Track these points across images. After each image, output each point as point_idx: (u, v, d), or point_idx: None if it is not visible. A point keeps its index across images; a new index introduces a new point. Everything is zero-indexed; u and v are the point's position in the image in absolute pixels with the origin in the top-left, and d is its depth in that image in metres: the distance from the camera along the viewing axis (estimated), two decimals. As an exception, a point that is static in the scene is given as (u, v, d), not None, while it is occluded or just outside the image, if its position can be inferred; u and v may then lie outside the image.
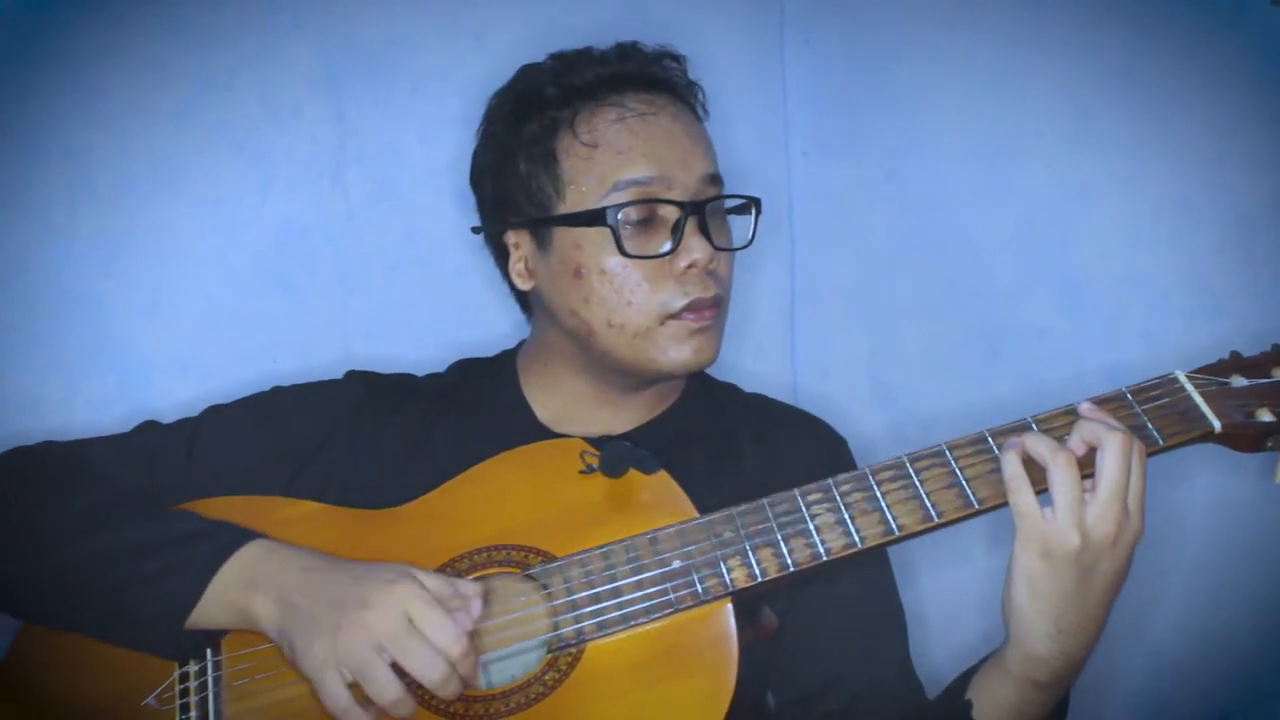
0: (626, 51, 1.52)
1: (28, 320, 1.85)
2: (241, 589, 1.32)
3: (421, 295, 2.05)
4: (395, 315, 2.07)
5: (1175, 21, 1.90)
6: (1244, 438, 1.32)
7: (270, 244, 1.99)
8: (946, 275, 2.22)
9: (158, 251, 1.92)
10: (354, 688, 1.26)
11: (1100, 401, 1.32)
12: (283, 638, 1.29)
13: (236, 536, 1.35)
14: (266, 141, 1.98)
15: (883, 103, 2.29)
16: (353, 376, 1.60)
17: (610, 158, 1.46)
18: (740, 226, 1.54)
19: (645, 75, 1.51)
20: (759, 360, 2.39)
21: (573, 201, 1.47)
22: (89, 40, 1.85)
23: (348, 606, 1.26)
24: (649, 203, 1.45)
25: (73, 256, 1.87)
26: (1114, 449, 1.23)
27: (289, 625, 1.29)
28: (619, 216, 1.44)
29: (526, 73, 1.55)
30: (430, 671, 1.24)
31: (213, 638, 1.36)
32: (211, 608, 1.33)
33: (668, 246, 1.45)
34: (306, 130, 2.01)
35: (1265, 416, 1.32)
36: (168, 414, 1.60)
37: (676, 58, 1.55)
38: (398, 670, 1.25)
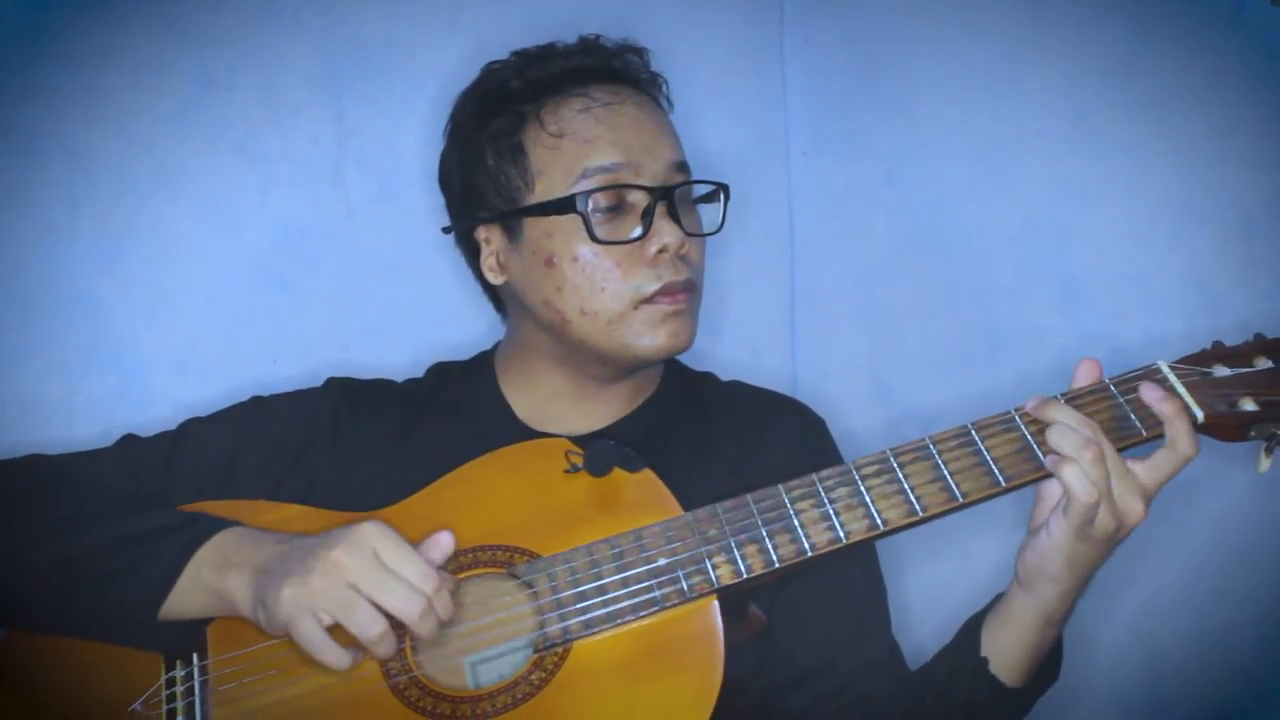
0: (589, 45, 1.53)
1: (28, 320, 1.85)
2: (216, 571, 1.32)
3: (421, 295, 2.05)
4: (395, 315, 2.07)
5: (1175, 21, 1.90)
6: (1227, 427, 1.32)
7: (270, 244, 1.99)
8: (946, 275, 2.22)
9: (158, 251, 1.92)
10: (334, 630, 1.25)
11: (1083, 392, 1.33)
12: (257, 605, 1.29)
13: (210, 525, 1.36)
14: (266, 141, 1.98)
15: (883, 103, 2.29)
16: (332, 383, 1.60)
17: (578, 146, 1.47)
18: (709, 215, 1.54)
19: (608, 69, 1.52)
20: (759, 360, 2.39)
21: (542, 192, 1.47)
22: (89, 40, 1.85)
23: (317, 553, 1.26)
24: (618, 188, 1.46)
25: (73, 256, 1.87)
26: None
27: (260, 588, 1.28)
28: (589, 203, 1.45)
29: (491, 70, 1.55)
30: (408, 606, 1.24)
31: (198, 638, 1.36)
32: (187, 593, 1.33)
33: (638, 232, 1.46)
34: (306, 130, 2.01)
35: (1248, 405, 1.31)
36: (167, 414, 1.60)
37: (639, 51, 1.55)
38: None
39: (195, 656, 1.36)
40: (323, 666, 1.26)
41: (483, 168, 1.51)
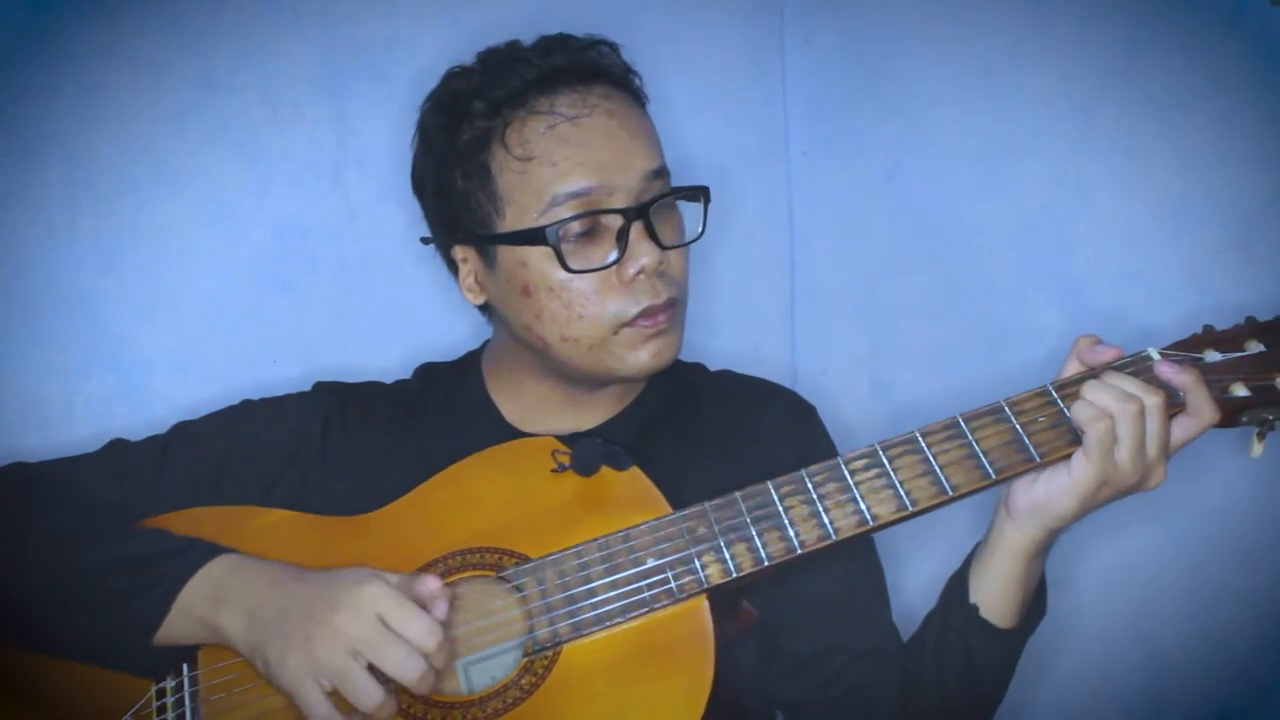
0: (553, 45, 1.46)
1: (28, 320, 1.85)
2: (209, 606, 1.31)
3: (422, 296, 2.05)
4: (396, 316, 2.06)
5: (1175, 21, 1.90)
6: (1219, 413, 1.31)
7: (270, 244, 1.99)
8: (946, 275, 2.22)
9: (158, 251, 1.92)
10: (334, 695, 1.25)
11: (1074, 381, 1.32)
12: (255, 653, 1.29)
13: (203, 553, 1.34)
14: (266, 141, 1.98)
15: (882, 103, 2.29)
16: (320, 387, 1.60)
17: (545, 171, 1.41)
18: (694, 213, 1.48)
19: (576, 67, 1.45)
20: (759, 359, 2.38)
21: (513, 219, 1.43)
22: (89, 40, 1.85)
23: (316, 614, 1.25)
24: (590, 215, 1.41)
25: (73, 256, 1.87)
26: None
27: (259, 641, 1.28)
28: (559, 233, 1.40)
29: (453, 80, 1.50)
30: (408, 671, 1.24)
31: (188, 652, 1.36)
32: (180, 624, 1.33)
33: (614, 256, 1.41)
34: (306, 130, 2.01)
35: (1240, 391, 1.30)
36: (167, 414, 1.60)
37: (610, 44, 1.49)
38: (374, 673, 1.24)
39: (185, 667, 1.35)
40: None
41: (453, 189, 1.47)
